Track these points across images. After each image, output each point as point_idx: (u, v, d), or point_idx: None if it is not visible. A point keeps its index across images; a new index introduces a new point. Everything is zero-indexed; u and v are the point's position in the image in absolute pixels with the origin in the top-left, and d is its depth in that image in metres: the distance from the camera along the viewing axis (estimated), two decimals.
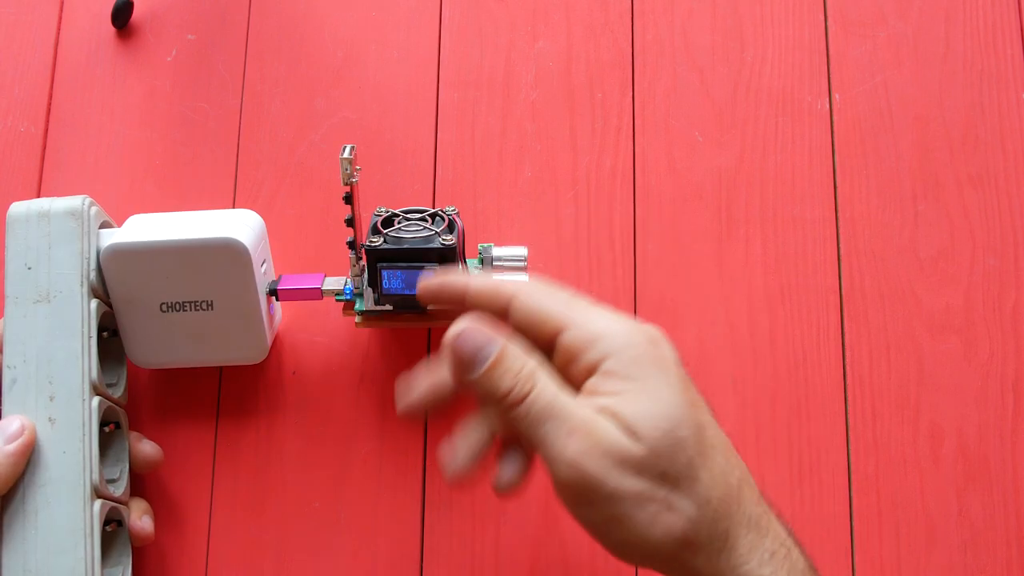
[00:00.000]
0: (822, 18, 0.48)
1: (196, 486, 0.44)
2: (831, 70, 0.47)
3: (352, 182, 0.37)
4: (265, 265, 0.42)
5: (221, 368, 0.45)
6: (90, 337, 0.38)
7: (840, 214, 0.46)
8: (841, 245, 0.45)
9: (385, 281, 0.38)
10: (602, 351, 0.30)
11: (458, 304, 0.33)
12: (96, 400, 0.37)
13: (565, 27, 0.48)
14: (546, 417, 0.29)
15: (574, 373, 0.30)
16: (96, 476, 0.37)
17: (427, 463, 0.44)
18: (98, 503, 0.37)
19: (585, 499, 0.29)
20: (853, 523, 0.43)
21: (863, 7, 0.48)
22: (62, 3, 0.50)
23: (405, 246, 0.38)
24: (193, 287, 0.39)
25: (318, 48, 0.49)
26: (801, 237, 0.45)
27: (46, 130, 0.49)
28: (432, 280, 0.34)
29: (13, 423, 0.36)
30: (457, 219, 0.40)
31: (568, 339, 0.30)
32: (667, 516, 0.28)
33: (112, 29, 0.50)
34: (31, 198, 0.49)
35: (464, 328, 0.31)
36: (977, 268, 0.45)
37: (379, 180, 0.47)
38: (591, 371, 0.30)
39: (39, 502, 0.36)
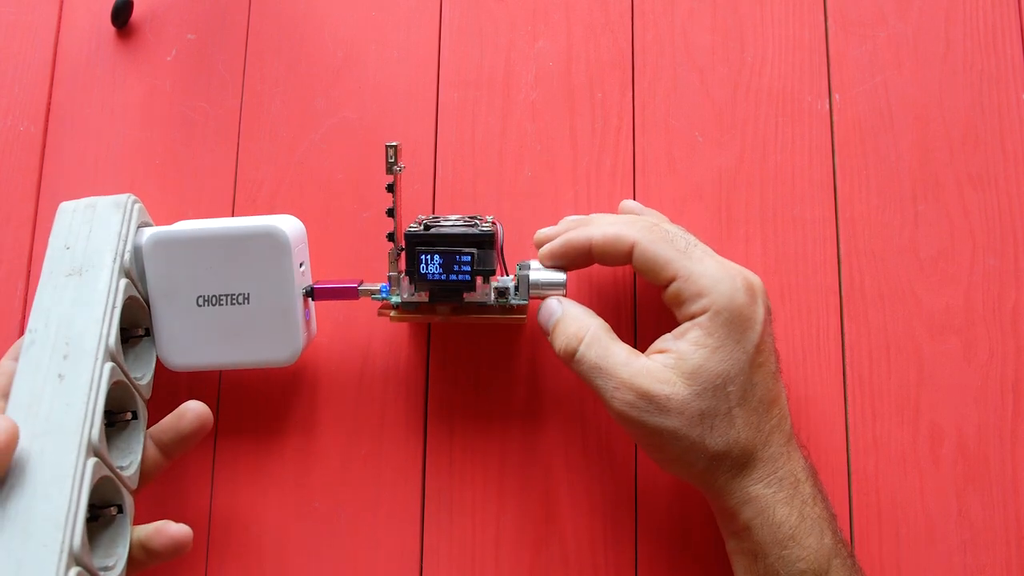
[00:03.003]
0: (822, 18, 0.48)
1: (196, 485, 0.44)
2: (831, 70, 0.47)
3: (396, 171, 0.38)
4: (304, 267, 0.42)
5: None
6: (113, 307, 0.38)
7: (840, 214, 0.46)
8: (841, 245, 0.45)
9: (423, 265, 0.39)
10: (702, 306, 0.36)
11: (585, 257, 0.39)
12: (109, 365, 0.37)
13: (565, 27, 0.48)
14: (595, 373, 0.37)
15: (678, 314, 0.37)
16: (96, 434, 0.35)
17: (427, 463, 0.44)
18: (93, 460, 0.35)
19: (633, 432, 0.38)
20: (853, 523, 0.43)
21: (863, 7, 0.48)
22: (62, 3, 0.50)
23: (444, 231, 0.39)
24: (231, 278, 0.40)
25: (318, 48, 0.49)
26: (801, 237, 0.45)
27: (46, 130, 0.49)
28: (556, 240, 0.40)
29: None
30: (497, 224, 0.41)
31: (676, 288, 0.37)
32: (700, 445, 0.36)
33: (112, 29, 0.50)
34: (31, 198, 0.49)
35: (542, 303, 0.40)
36: (977, 268, 0.45)
37: (379, 180, 0.47)
38: (691, 318, 0.37)
39: (33, 450, 0.34)
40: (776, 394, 0.37)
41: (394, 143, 0.39)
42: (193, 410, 0.40)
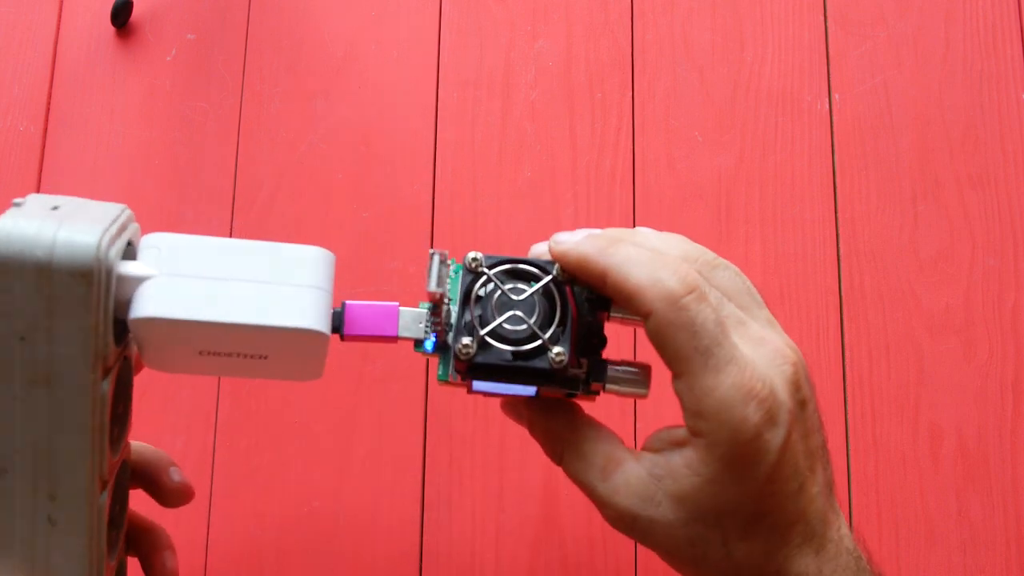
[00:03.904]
0: (822, 18, 0.48)
1: (195, 486, 0.44)
2: (831, 70, 0.47)
3: (442, 290, 0.29)
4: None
5: None
6: (102, 428, 0.30)
7: (840, 214, 0.46)
8: (841, 245, 0.45)
9: (475, 386, 0.31)
10: (699, 429, 0.29)
11: (598, 284, 0.30)
12: (104, 495, 0.31)
13: (565, 27, 0.48)
14: (579, 486, 0.31)
15: (685, 422, 0.30)
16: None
17: (426, 464, 0.44)
18: None
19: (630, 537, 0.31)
20: (853, 523, 0.43)
21: (863, 7, 0.48)
22: (62, 3, 0.50)
23: (505, 360, 0.30)
24: (249, 349, 0.31)
25: (318, 48, 0.49)
26: (801, 237, 0.45)
27: (45, 129, 0.49)
28: (573, 249, 0.31)
29: None
30: (570, 292, 0.31)
31: (679, 390, 0.29)
32: (693, 569, 0.30)
33: (112, 28, 0.50)
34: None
35: (504, 409, 0.33)
36: (977, 268, 0.45)
37: (378, 180, 0.47)
38: (688, 430, 0.29)
39: None
40: (799, 512, 0.30)
41: (439, 263, 0.29)
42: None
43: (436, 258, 0.29)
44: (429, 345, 0.32)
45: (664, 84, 0.47)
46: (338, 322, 0.32)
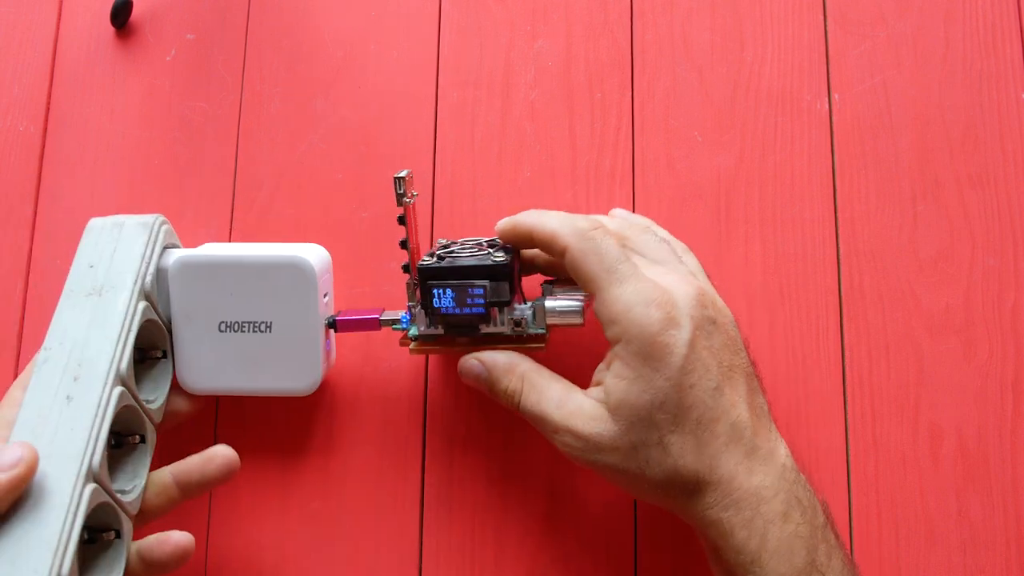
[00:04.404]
0: (822, 18, 0.48)
1: None
2: (830, 70, 0.47)
3: (407, 203, 0.38)
4: (327, 298, 0.42)
5: None
6: (129, 330, 0.38)
7: (839, 214, 0.46)
8: (840, 245, 0.45)
9: (436, 299, 0.39)
10: (615, 334, 0.35)
11: (528, 242, 0.39)
12: (119, 390, 0.37)
13: (565, 27, 0.48)
14: (536, 419, 0.38)
15: (606, 335, 0.36)
16: (98, 460, 0.35)
17: (426, 464, 0.44)
18: (91, 487, 0.35)
19: (580, 464, 0.37)
20: (852, 523, 0.43)
21: (863, 7, 0.48)
22: (61, 3, 0.50)
23: (457, 264, 0.39)
24: (255, 306, 0.41)
25: (317, 48, 0.49)
26: (800, 237, 0.45)
27: (45, 129, 0.49)
28: (508, 222, 0.40)
29: (12, 450, 0.34)
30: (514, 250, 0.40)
31: (596, 309, 0.36)
32: (641, 477, 0.35)
33: (111, 28, 0.50)
34: (30, 198, 0.49)
35: (461, 362, 0.40)
36: (977, 268, 0.45)
37: (378, 180, 0.47)
38: (610, 343, 0.36)
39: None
40: (721, 410, 0.35)
41: (403, 173, 0.37)
42: (222, 455, 0.39)
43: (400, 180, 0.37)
44: (403, 320, 0.41)
45: (664, 84, 0.47)
46: (333, 322, 0.42)
